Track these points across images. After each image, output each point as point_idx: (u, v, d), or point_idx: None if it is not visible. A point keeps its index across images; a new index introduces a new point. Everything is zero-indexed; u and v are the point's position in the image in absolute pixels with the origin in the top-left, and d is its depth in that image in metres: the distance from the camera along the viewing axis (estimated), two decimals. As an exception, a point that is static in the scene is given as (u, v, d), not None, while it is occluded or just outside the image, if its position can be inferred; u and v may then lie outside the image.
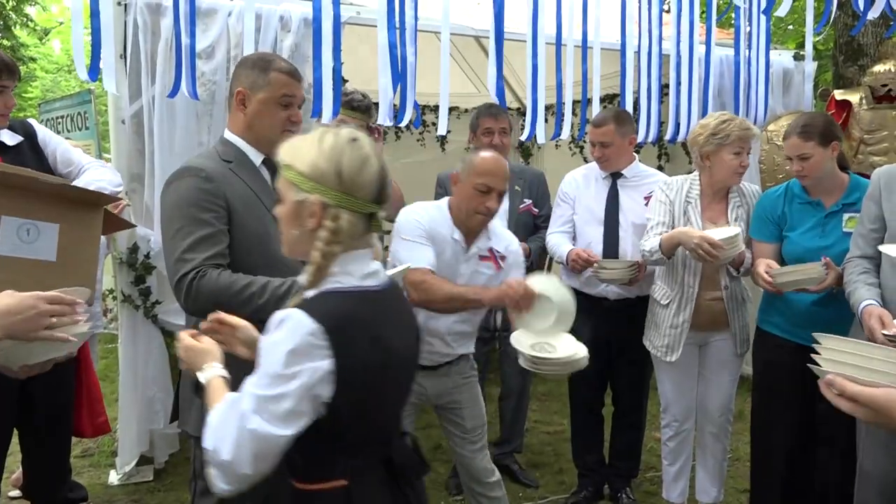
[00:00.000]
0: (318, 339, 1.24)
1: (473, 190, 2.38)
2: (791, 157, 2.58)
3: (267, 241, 1.86)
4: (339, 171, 1.33)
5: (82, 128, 5.01)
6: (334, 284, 1.35)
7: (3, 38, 10.67)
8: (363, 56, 3.55)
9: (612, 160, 3.14)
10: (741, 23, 3.94)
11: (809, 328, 2.48)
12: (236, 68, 2.04)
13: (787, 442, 2.67)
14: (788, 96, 4.37)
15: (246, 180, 1.92)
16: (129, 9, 3.07)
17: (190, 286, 1.78)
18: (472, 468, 2.59)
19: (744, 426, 4.05)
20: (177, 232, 1.83)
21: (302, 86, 2.02)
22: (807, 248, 2.58)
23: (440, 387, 2.56)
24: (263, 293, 1.76)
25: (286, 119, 1.96)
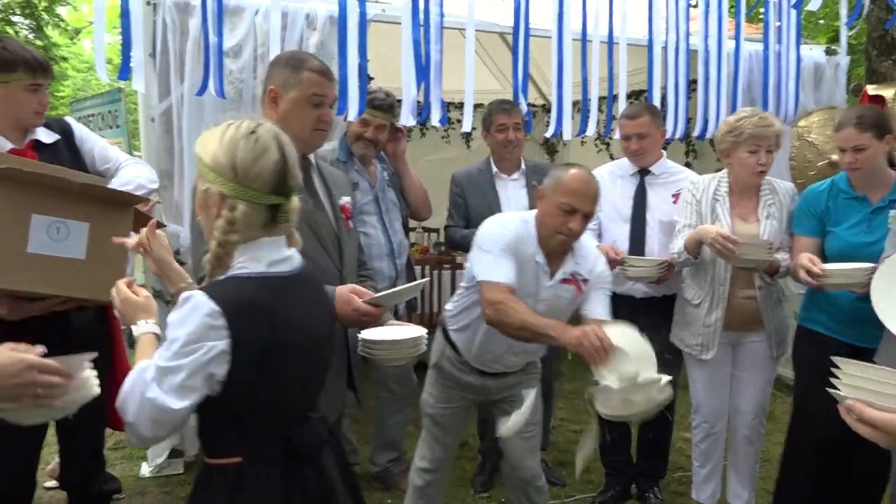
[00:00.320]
0: (216, 321, 1.31)
1: (556, 208, 2.20)
2: (844, 149, 2.52)
3: None
4: (233, 164, 1.38)
5: (112, 126, 5.09)
6: (240, 270, 1.41)
7: (35, 38, 10.86)
8: (387, 54, 3.55)
9: (649, 152, 3.07)
10: (771, 17, 3.88)
11: (854, 326, 2.46)
12: (270, 66, 2.05)
13: (825, 441, 2.61)
14: (820, 92, 4.29)
15: None
16: (157, 8, 3.11)
17: None
18: (520, 468, 2.50)
19: (774, 427, 4.01)
20: (201, 233, 1.86)
21: (335, 85, 2.03)
22: (851, 243, 2.53)
23: (504, 384, 2.50)
24: None
25: (317, 118, 1.97)
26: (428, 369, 2.60)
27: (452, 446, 2.65)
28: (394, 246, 3.14)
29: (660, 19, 3.66)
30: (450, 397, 2.52)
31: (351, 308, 1.80)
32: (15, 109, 2.22)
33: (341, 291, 1.82)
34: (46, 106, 2.31)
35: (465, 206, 3.32)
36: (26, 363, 1.30)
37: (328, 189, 2.08)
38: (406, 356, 1.97)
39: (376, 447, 3.37)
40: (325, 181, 2.09)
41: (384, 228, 3.13)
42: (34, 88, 2.23)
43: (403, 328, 2.03)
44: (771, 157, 2.72)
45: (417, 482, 2.62)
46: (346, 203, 2.09)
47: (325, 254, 1.98)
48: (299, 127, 1.95)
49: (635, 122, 3.04)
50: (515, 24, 3.35)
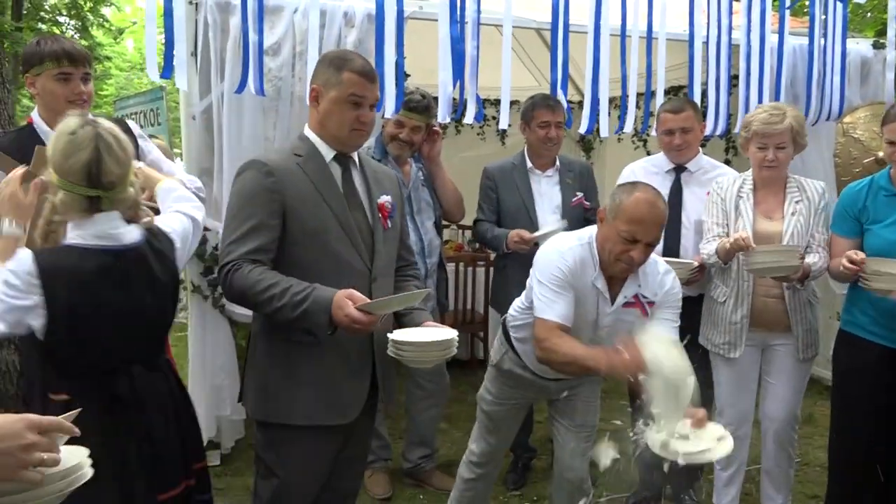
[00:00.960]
0: (34, 278, 1.57)
1: (617, 235, 2.07)
2: (892, 142, 2.44)
3: (324, 236, 1.93)
4: (53, 158, 1.63)
5: (154, 123, 5.21)
6: (69, 241, 1.66)
7: (81, 38, 11.15)
8: (424, 51, 3.56)
9: (692, 147, 3.04)
10: (816, 10, 3.78)
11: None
12: (317, 64, 2.07)
13: (869, 451, 2.54)
14: (867, 87, 4.17)
15: (311, 175, 1.95)
16: (199, 7, 3.16)
17: (225, 277, 1.88)
18: (568, 469, 2.46)
19: (813, 430, 3.92)
20: (229, 222, 1.93)
21: (376, 87, 2.02)
22: (890, 241, 2.46)
23: (565, 385, 2.45)
24: (283, 297, 1.81)
25: (355, 118, 1.96)
26: (488, 367, 2.61)
27: (504, 443, 2.65)
28: (424, 245, 3.14)
29: (701, 13, 3.60)
30: (509, 395, 2.52)
31: (343, 313, 1.77)
32: (50, 100, 2.27)
33: (337, 296, 1.79)
34: (83, 95, 2.29)
35: (497, 199, 3.30)
36: (23, 421, 1.08)
37: (368, 187, 2.08)
38: (435, 358, 1.95)
39: (408, 444, 3.39)
40: (367, 179, 2.09)
41: (415, 227, 3.14)
42: (63, 77, 2.25)
43: (435, 330, 2.01)
44: (783, 153, 2.65)
45: (466, 475, 2.65)
46: (384, 202, 2.09)
47: (356, 252, 1.98)
48: (337, 127, 1.97)
49: (680, 117, 2.99)
50: (554, 20, 3.33)
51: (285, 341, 1.95)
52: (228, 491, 3.28)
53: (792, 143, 2.66)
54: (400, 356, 1.92)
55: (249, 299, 1.86)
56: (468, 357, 5.09)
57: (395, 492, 3.29)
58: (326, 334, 1.83)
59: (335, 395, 1.98)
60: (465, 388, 4.48)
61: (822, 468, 3.32)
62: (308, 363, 1.95)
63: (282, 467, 1.99)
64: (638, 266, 2.14)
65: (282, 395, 1.96)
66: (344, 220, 1.96)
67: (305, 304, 1.80)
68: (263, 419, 2.02)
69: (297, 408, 1.95)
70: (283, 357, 1.97)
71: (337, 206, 1.96)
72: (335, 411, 1.98)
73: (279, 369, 1.96)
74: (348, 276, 1.94)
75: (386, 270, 2.10)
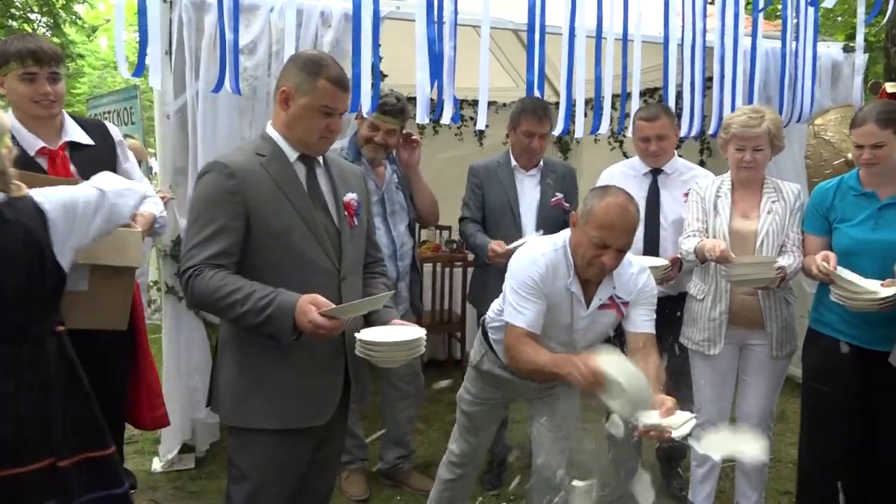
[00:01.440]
0: None
1: (588, 241, 2.08)
2: (862, 145, 2.49)
3: (286, 238, 1.89)
4: None
5: (128, 122, 5.14)
6: None
7: (53, 35, 10.95)
8: (401, 51, 3.55)
9: (667, 153, 3.11)
10: (788, 14, 3.84)
11: (865, 328, 2.45)
12: (288, 63, 2.01)
13: (839, 449, 2.59)
14: (837, 89, 4.25)
15: (274, 176, 1.91)
16: (174, 5, 3.12)
17: (187, 283, 1.84)
18: (545, 467, 2.47)
19: (785, 427, 3.99)
20: (190, 226, 1.89)
21: (348, 97, 2.00)
22: (857, 239, 2.52)
23: (544, 385, 2.45)
24: (245, 302, 1.78)
25: (325, 127, 1.93)
26: (468, 368, 2.61)
27: (484, 443, 2.65)
28: (396, 248, 3.14)
29: (675, 16, 3.64)
30: (488, 395, 2.53)
31: (306, 319, 1.75)
32: (16, 100, 2.24)
33: (301, 301, 1.77)
34: (49, 95, 2.27)
35: (483, 197, 3.31)
36: None
37: (334, 185, 2.05)
38: (404, 358, 1.93)
39: (384, 444, 3.38)
40: (332, 178, 2.06)
41: (387, 230, 3.13)
42: (28, 77, 2.21)
43: (403, 329, 2.00)
44: (761, 155, 2.72)
45: (446, 475, 2.65)
46: (350, 199, 2.06)
47: (323, 252, 1.95)
48: (306, 133, 1.94)
49: (655, 125, 3.05)
50: (530, 21, 3.34)
51: (255, 345, 1.92)
52: (203, 494, 3.24)
53: (769, 146, 2.72)
54: (368, 356, 1.90)
55: (211, 305, 1.83)
56: (445, 357, 5.09)
57: (371, 493, 3.28)
58: (291, 340, 1.80)
59: (308, 397, 1.96)
60: (442, 389, 4.48)
61: (793, 465, 3.37)
62: (279, 366, 1.92)
63: (256, 471, 1.96)
64: (610, 271, 2.15)
65: (254, 399, 1.93)
66: (309, 221, 1.94)
67: (269, 310, 1.77)
68: (237, 425, 1.98)
69: (271, 411, 1.92)
70: (254, 360, 1.94)
71: (302, 206, 1.93)
72: (310, 413, 1.97)
73: (250, 373, 1.94)
74: (316, 277, 1.92)
75: (354, 269, 2.08)
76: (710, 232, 2.79)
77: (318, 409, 1.98)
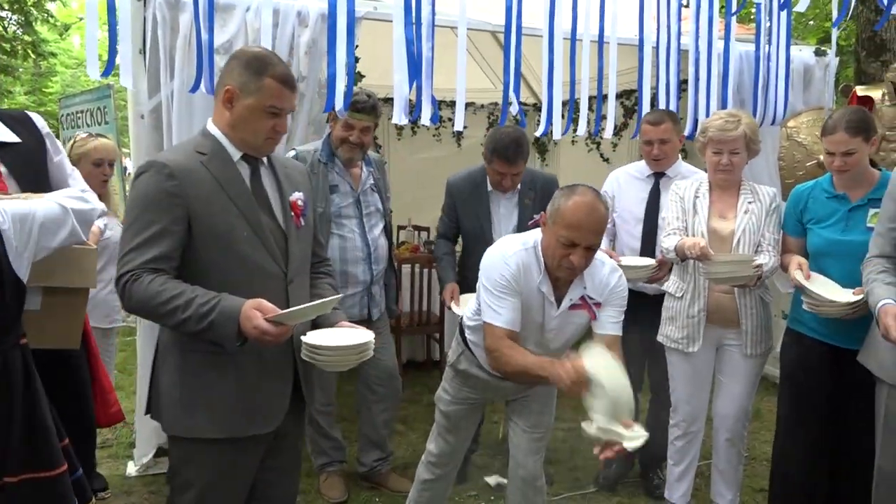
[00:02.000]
0: None
1: (556, 241, 2.07)
2: (833, 153, 2.53)
3: (231, 239, 1.82)
4: None
5: (101, 122, 5.07)
6: None
7: (24, 33, 10.78)
8: (379, 52, 3.55)
9: (669, 157, 3.20)
10: (761, 18, 3.89)
11: (841, 329, 2.49)
12: (230, 60, 1.89)
13: (812, 445, 2.64)
14: (809, 92, 4.32)
15: (217, 176, 1.82)
16: (147, 4, 3.08)
17: (123, 289, 1.74)
18: (522, 466, 2.50)
19: (760, 425, 4.04)
20: (127, 228, 1.79)
21: (295, 95, 1.92)
22: (829, 240, 2.57)
23: (521, 386, 2.45)
24: (187, 308, 1.70)
25: (271, 128, 1.86)
26: (446, 368, 2.61)
27: (462, 444, 2.64)
28: (371, 251, 3.11)
29: (650, 19, 3.68)
30: (466, 395, 2.53)
31: (251, 325, 1.67)
32: None
33: (245, 306, 1.69)
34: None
35: (457, 217, 3.35)
36: None
37: (279, 185, 1.97)
38: (350, 363, 1.86)
39: (362, 447, 3.37)
40: (277, 177, 1.98)
41: (362, 232, 3.11)
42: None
43: (351, 332, 1.93)
44: (737, 158, 2.77)
45: (425, 475, 2.65)
46: (297, 199, 1.97)
47: (269, 255, 1.87)
48: (252, 134, 1.86)
49: (659, 129, 3.15)
50: (507, 23, 3.36)
51: (198, 351, 1.83)
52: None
53: (745, 149, 2.78)
54: (314, 360, 1.83)
55: (150, 311, 1.74)
56: (424, 358, 5.09)
57: (350, 495, 3.27)
58: (235, 347, 1.72)
59: (255, 404, 1.88)
60: (421, 390, 4.48)
61: (768, 462, 3.41)
62: (223, 372, 1.83)
63: (201, 481, 1.88)
64: (580, 271, 2.14)
65: (198, 407, 1.84)
66: (254, 222, 1.85)
67: (212, 316, 1.68)
68: (180, 434, 1.89)
69: (215, 420, 1.84)
70: (197, 367, 1.85)
71: (246, 207, 1.85)
72: (257, 420, 1.89)
73: (193, 380, 1.85)
74: (262, 281, 1.85)
75: (301, 271, 2.00)
76: (689, 231, 2.84)
77: (264, 416, 1.90)
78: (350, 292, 3.06)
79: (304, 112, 3.43)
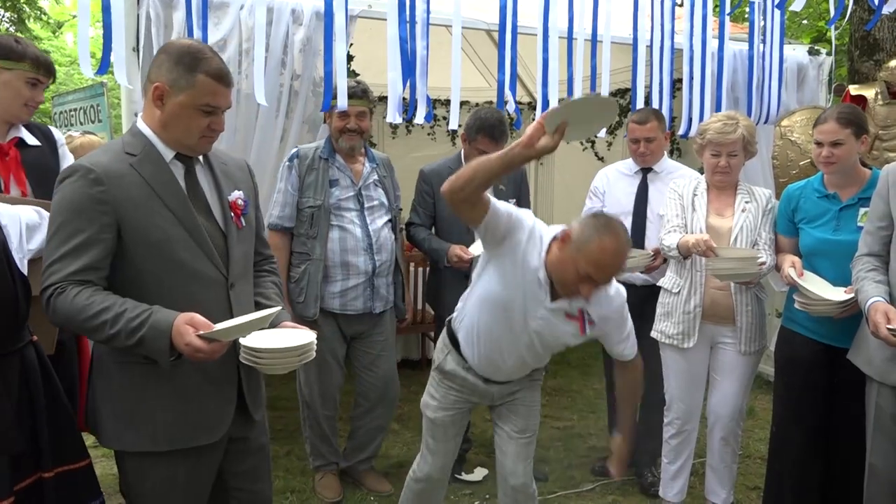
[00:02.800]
0: None
1: (575, 269, 2.02)
2: (822, 143, 2.55)
3: (165, 247, 1.72)
4: None
5: (95, 120, 5.04)
6: None
7: (17, 30, 10.72)
8: (373, 50, 3.54)
9: (655, 154, 3.29)
10: (755, 17, 3.90)
11: (834, 328, 2.50)
12: (159, 54, 1.77)
13: (805, 443, 2.65)
14: (802, 91, 4.34)
15: (148, 178, 1.72)
16: (141, 2, 3.08)
17: (48, 302, 1.65)
18: (512, 474, 2.45)
19: (754, 423, 4.05)
20: (52, 237, 1.68)
21: (230, 92, 1.80)
22: (820, 239, 2.59)
23: (507, 389, 2.46)
24: (116, 323, 1.61)
25: (206, 126, 1.76)
26: (431, 372, 2.56)
27: (451, 452, 2.57)
28: (372, 241, 3.10)
29: (645, 18, 3.68)
30: (453, 400, 2.48)
31: (183, 342, 1.58)
32: (10, 97, 2.30)
33: (178, 322, 1.60)
34: (38, 104, 2.39)
35: (434, 205, 3.34)
36: None
37: (217, 184, 1.87)
38: (291, 364, 1.77)
39: (349, 446, 3.38)
40: (215, 175, 1.88)
41: (363, 223, 3.09)
42: (34, 83, 2.33)
43: (292, 333, 1.84)
44: (735, 160, 2.80)
45: (413, 487, 2.60)
46: (237, 198, 1.88)
47: (208, 259, 1.78)
48: (184, 134, 1.76)
49: (645, 128, 3.24)
50: (502, 21, 3.36)
51: (134, 363, 1.73)
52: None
53: (743, 151, 2.81)
54: (254, 363, 1.74)
55: (78, 327, 1.64)
56: (420, 357, 5.09)
57: (345, 494, 3.27)
58: (168, 362, 1.63)
59: (198, 413, 1.80)
60: (417, 388, 4.46)
61: (762, 460, 3.44)
62: (164, 382, 1.74)
63: (155, 494, 1.81)
64: (585, 298, 2.10)
65: (139, 420, 1.76)
66: (190, 226, 1.75)
67: (142, 332, 1.59)
68: (122, 448, 1.81)
69: (158, 432, 1.76)
70: (134, 379, 1.76)
71: (180, 210, 1.74)
72: (200, 430, 1.80)
73: (130, 393, 1.76)
74: (202, 287, 1.76)
75: (243, 273, 1.91)
76: (688, 228, 2.87)
77: (209, 426, 1.82)
78: (352, 283, 3.06)
79: (298, 110, 3.43)
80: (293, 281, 3.10)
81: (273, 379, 3.67)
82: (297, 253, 3.10)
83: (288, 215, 3.08)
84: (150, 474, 1.80)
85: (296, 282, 3.08)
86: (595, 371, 4.71)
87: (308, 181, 3.04)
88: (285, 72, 3.36)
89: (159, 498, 1.82)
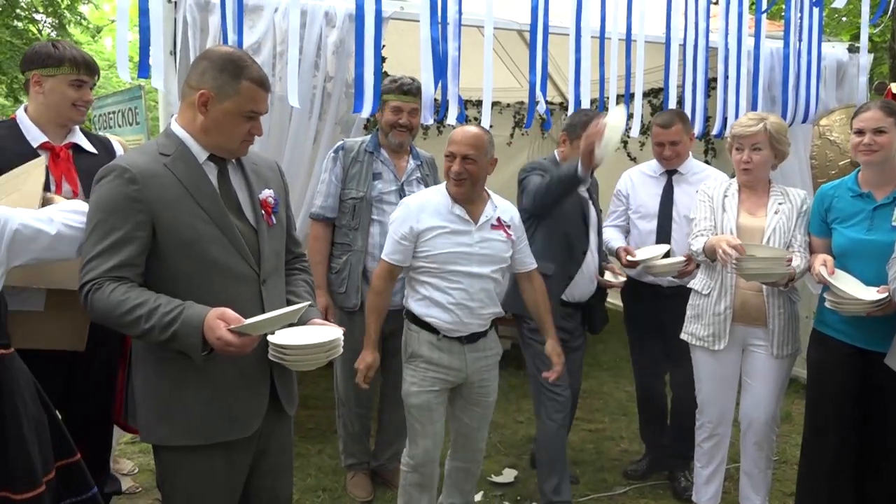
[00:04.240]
0: None
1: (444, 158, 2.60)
2: (864, 131, 2.50)
3: (198, 245, 1.76)
4: None
5: (133, 123, 5.15)
6: None
7: (58, 35, 11.00)
8: (405, 51, 3.56)
9: (680, 157, 3.28)
10: (792, 14, 3.83)
11: (867, 330, 2.44)
12: (200, 61, 1.82)
13: (838, 448, 2.59)
14: (842, 90, 4.24)
15: (181, 178, 1.76)
16: (178, 6, 3.13)
17: (86, 298, 1.70)
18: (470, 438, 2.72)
19: (791, 428, 3.98)
20: (89, 235, 1.74)
21: (268, 96, 1.87)
22: (853, 239, 2.52)
23: (476, 364, 2.62)
24: (150, 318, 1.65)
25: (247, 132, 1.82)
26: (404, 366, 2.65)
27: (438, 435, 2.64)
28: None
29: (678, 16, 3.64)
30: (432, 380, 2.59)
31: (214, 336, 1.62)
32: (57, 101, 2.35)
33: (209, 317, 1.65)
34: (89, 104, 2.44)
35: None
36: None
37: (248, 183, 1.91)
38: (319, 361, 1.80)
39: (378, 443, 3.40)
40: (246, 175, 1.92)
41: None
42: (78, 84, 2.37)
43: (320, 330, 1.87)
44: (758, 155, 2.75)
45: (409, 478, 2.68)
46: (267, 196, 1.92)
47: (240, 257, 1.82)
48: (228, 139, 1.81)
49: (669, 132, 3.22)
50: (533, 22, 3.35)
51: (172, 358, 1.77)
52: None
53: (769, 147, 2.74)
54: (282, 360, 1.77)
55: (114, 321, 1.68)
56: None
57: (376, 494, 3.28)
58: (201, 357, 1.67)
59: (232, 408, 1.83)
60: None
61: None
62: (199, 377, 1.78)
63: (190, 488, 1.84)
64: (459, 178, 2.53)
65: (176, 414, 1.80)
66: (223, 225, 1.79)
67: (175, 326, 1.64)
68: (158, 443, 1.85)
69: (193, 427, 1.80)
70: (171, 373, 1.80)
71: (213, 208, 1.78)
72: (234, 425, 1.84)
73: (169, 387, 1.80)
74: (235, 284, 1.80)
75: (275, 270, 1.94)
76: (718, 228, 2.82)
77: (243, 421, 1.85)
78: None
79: (331, 112, 3.46)
80: (334, 272, 3.13)
81: (305, 377, 3.70)
82: (339, 244, 3.13)
83: (331, 206, 3.11)
84: (186, 468, 1.83)
85: (337, 272, 3.11)
86: (626, 374, 4.67)
87: (352, 173, 3.08)
88: (318, 74, 3.40)
89: (194, 491, 1.85)
